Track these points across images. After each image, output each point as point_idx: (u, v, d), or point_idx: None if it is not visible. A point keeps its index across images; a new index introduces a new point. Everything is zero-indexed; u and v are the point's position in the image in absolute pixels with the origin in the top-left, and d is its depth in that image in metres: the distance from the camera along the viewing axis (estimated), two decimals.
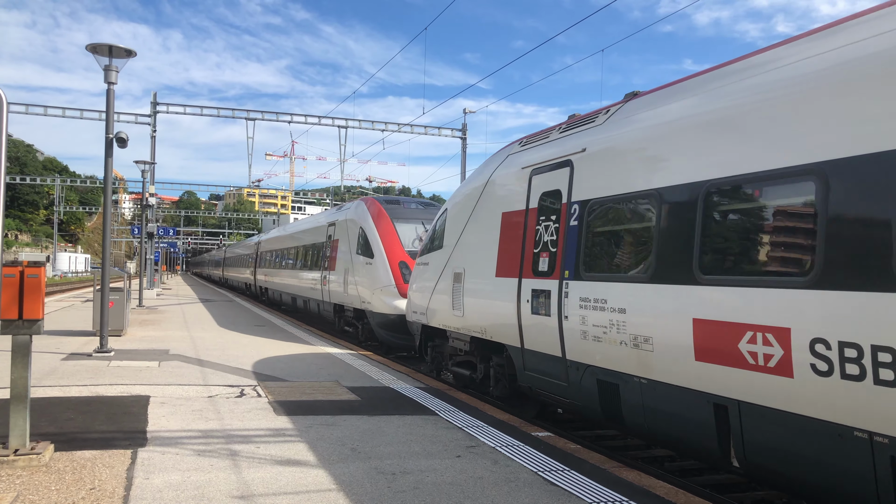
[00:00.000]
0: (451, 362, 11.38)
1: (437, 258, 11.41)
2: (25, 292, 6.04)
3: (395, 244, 16.63)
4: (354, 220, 18.58)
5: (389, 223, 17.22)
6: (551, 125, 9.55)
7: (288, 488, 5.51)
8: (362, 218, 18.07)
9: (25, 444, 6.05)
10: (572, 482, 5.86)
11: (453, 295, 10.50)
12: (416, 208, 18.38)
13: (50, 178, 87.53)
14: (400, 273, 15.90)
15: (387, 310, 15.86)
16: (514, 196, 9.16)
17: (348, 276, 18.30)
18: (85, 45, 12.69)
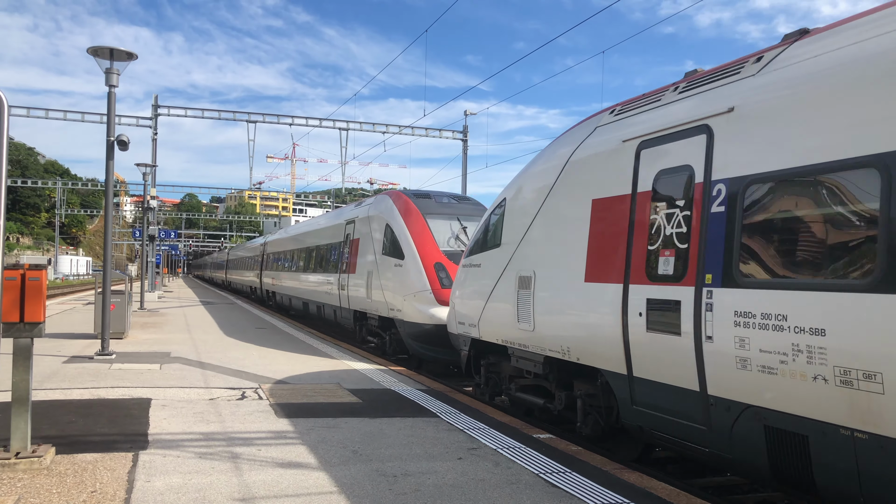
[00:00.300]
0: (513, 386, 9.42)
1: (493, 259, 9.54)
2: (27, 295, 6.04)
3: (430, 243, 14.44)
4: (379, 217, 16.42)
5: (421, 219, 15.09)
6: (653, 90, 7.38)
7: (289, 491, 5.50)
8: (388, 214, 15.92)
9: (27, 446, 6.05)
10: (574, 484, 5.86)
11: (518, 304, 8.56)
12: (449, 202, 16.27)
13: (51, 180, 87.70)
14: (436, 276, 13.78)
15: (421, 319, 13.68)
16: (610, 178, 7.18)
17: (372, 279, 16.07)
18: (86, 49, 12.71)
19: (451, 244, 14.74)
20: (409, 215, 15.33)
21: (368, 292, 16.33)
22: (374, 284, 15.89)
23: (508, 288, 8.92)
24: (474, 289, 10.12)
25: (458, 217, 15.49)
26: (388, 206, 16.21)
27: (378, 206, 16.93)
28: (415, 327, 13.88)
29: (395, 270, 14.88)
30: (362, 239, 17.43)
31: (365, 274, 16.66)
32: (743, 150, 5.65)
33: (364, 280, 16.69)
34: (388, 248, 15.50)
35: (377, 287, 15.72)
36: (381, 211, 16.54)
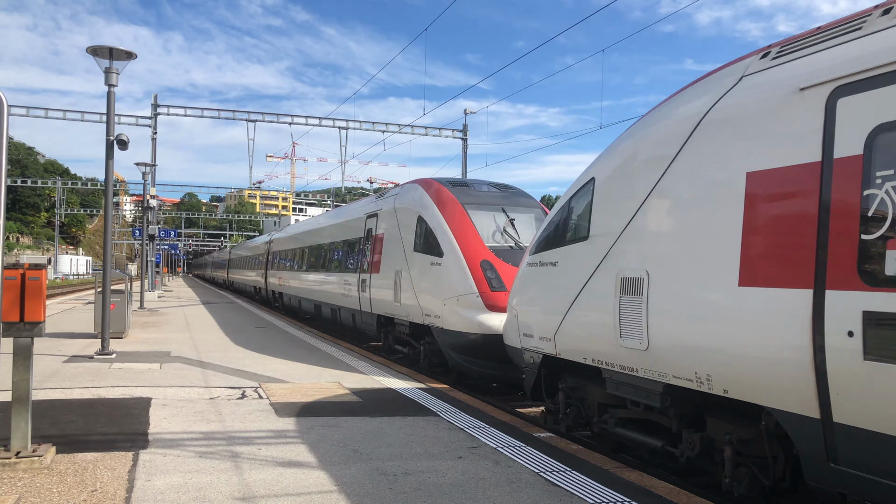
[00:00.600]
0: (608, 419, 7.43)
1: (577, 256, 7.56)
2: (27, 295, 6.05)
3: (473, 238, 12.38)
4: (408, 209, 14.36)
5: (461, 210, 12.99)
6: (838, 20, 5.37)
7: (290, 490, 5.51)
8: (421, 204, 13.81)
9: (27, 446, 6.06)
10: (574, 483, 5.86)
11: (620, 313, 6.61)
12: (489, 191, 14.20)
13: (51, 180, 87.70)
14: (484, 277, 11.70)
15: (465, 327, 11.60)
16: (778, 141, 5.35)
17: (401, 280, 13.97)
18: (86, 48, 12.71)
19: (497, 239, 12.64)
20: (447, 206, 13.18)
21: (396, 295, 14.16)
22: (404, 286, 13.83)
23: (604, 292, 6.93)
24: (548, 293, 8.15)
25: (504, 208, 13.35)
26: (420, 196, 14.04)
27: (406, 197, 14.79)
28: (457, 337, 11.77)
29: (430, 270, 12.83)
30: (387, 234, 15.33)
31: (391, 274, 14.56)
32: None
33: (391, 281, 14.55)
34: (420, 244, 13.42)
35: (407, 289, 13.64)
36: (410, 202, 14.43)
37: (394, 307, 14.44)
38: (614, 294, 6.76)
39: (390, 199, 15.87)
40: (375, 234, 16.22)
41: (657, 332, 6.18)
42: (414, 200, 14.28)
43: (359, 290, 16.90)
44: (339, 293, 18.82)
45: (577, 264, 7.57)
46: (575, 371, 8.04)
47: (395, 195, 15.75)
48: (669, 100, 6.89)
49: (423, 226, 13.47)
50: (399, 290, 14.06)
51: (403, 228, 14.39)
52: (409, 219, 14.16)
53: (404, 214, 14.53)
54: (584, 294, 7.36)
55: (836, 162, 4.84)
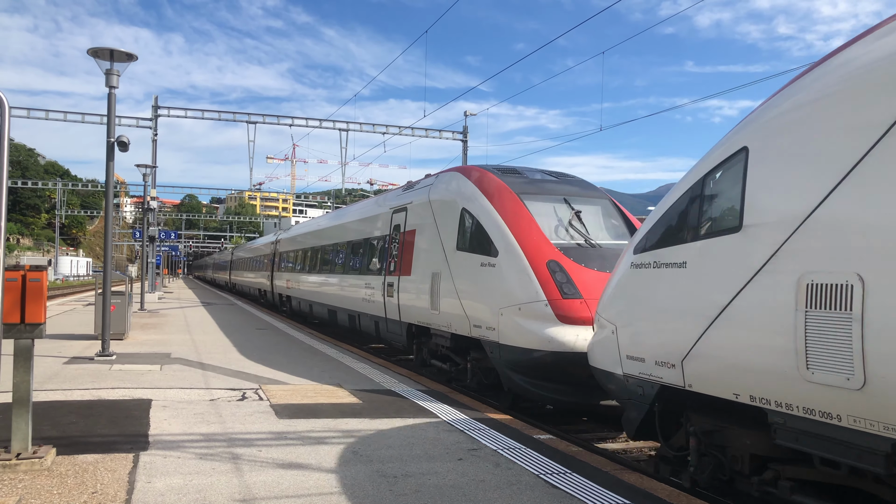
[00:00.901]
0: (786, 483, 5.44)
1: (718, 253, 5.80)
2: (27, 296, 6.05)
3: (536, 234, 10.30)
4: (448, 201, 12.30)
5: (517, 201, 10.86)
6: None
7: (290, 491, 5.51)
8: (464, 195, 11.77)
9: (27, 447, 6.06)
10: (574, 485, 5.87)
11: (807, 335, 4.81)
12: (543, 178, 12.07)
13: (51, 181, 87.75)
14: (553, 281, 9.57)
15: (530, 342, 9.42)
16: None
17: (439, 284, 11.90)
18: (87, 50, 12.72)
19: (562, 235, 10.58)
20: (499, 196, 11.07)
21: (433, 301, 12.06)
22: (444, 291, 11.74)
23: (773, 304, 5.12)
24: (670, 304, 6.30)
25: (566, 198, 11.25)
26: (462, 186, 12.00)
27: (444, 187, 12.77)
28: (518, 354, 9.62)
29: (480, 273, 10.72)
30: (420, 231, 13.27)
31: (426, 277, 12.51)
32: None
33: (425, 285, 12.51)
34: (466, 241, 11.39)
35: (449, 295, 11.58)
36: (450, 193, 12.38)
37: (430, 316, 12.32)
38: (794, 307, 4.91)
39: (423, 191, 13.77)
40: (404, 231, 14.13)
41: (883, 366, 4.29)
42: (455, 191, 12.20)
43: (384, 295, 14.77)
44: (360, 298, 16.69)
45: (721, 265, 5.73)
46: (710, 408, 6.17)
47: (428, 186, 13.65)
48: (862, 39, 4.95)
49: (468, 220, 11.40)
50: (437, 296, 12.00)
51: (442, 224, 12.35)
52: (450, 212, 12.10)
53: (442, 207, 12.48)
54: (735, 306, 5.49)
55: None
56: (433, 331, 12.48)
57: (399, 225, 14.53)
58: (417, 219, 13.61)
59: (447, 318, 11.67)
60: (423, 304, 12.61)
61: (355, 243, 18.04)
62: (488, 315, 10.30)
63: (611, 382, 7.23)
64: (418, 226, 13.48)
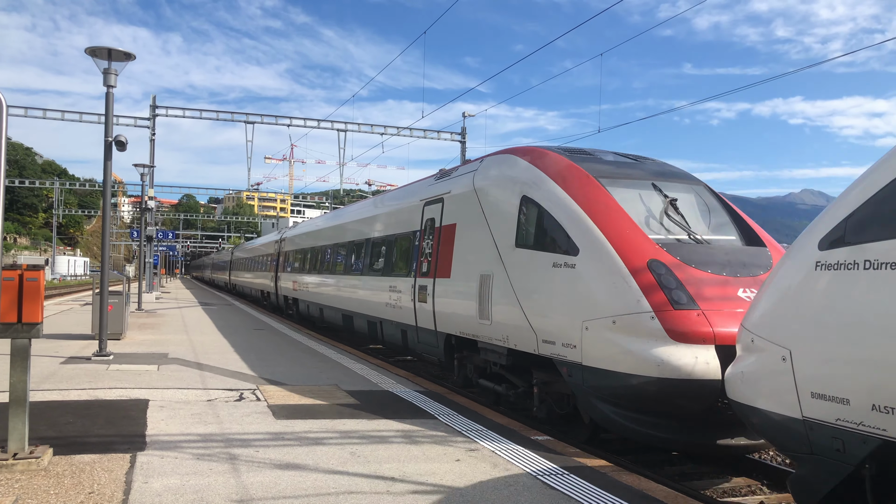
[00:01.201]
0: None
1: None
2: (24, 296, 6.04)
3: (629, 227, 8.25)
4: (502, 187, 10.31)
5: (599, 187, 8.88)
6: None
7: (287, 492, 5.50)
8: (527, 180, 9.68)
9: (24, 447, 6.05)
10: (572, 486, 5.86)
11: None
12: (618, 160, 10.12)
13: (49, 181, 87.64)
14: (659, 286, 7.48)
15: (631, 365, 7.34)
16: None
17: (492, 287, 9.88)
18: (84, 49, 12.71)
19: (658, 229, 8.55)
20: (575, 180, 9.08)
21: (482, 308, 10.04)
22: (499, 296, 9.71)
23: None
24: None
25: (654, 183, 9.29)
26: (523, 169, 9.93)
27: (496, 173, 10.69)
28: (612, 380, 7.54)
29: (553, 275, 8.63)
30: (463, 225, 11.23)
31: (472, 279, 10.47)
32: None
33: (471, 288, 10.43)
34: (530, 236, 9.32)
35: (505, 300, 9.51)
36: (504, 178, 10.35)
37: (478, 326, 10.25)
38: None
39: (464, 179, 11.65)
40: (441, 227, 12.06)
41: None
42: (511, 176, 10.15)
43: (414, 300, 12.72)
44: (383, 303, 14.55)
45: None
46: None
47: (471, 172, 11.53)
48: None
49: (532, 211, 9.34)
50: (487, 303, 9.98)
51: (493, 216, 10.29)
52: (504, 202, 10.08)
53: (493, 196, 10.46)
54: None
55: None
56: (482, 344, 10.28)
57: (433, 219, 12.53)
58: (458, 211, 11.54)
59: (502, 330, 9.56)
60: (468, 312, 10.52)
61: (377, 241, 15.94)
62: (566, 328, 8.18)
63: (776, 429, 5.14)
64: (460, 219, 11.42)
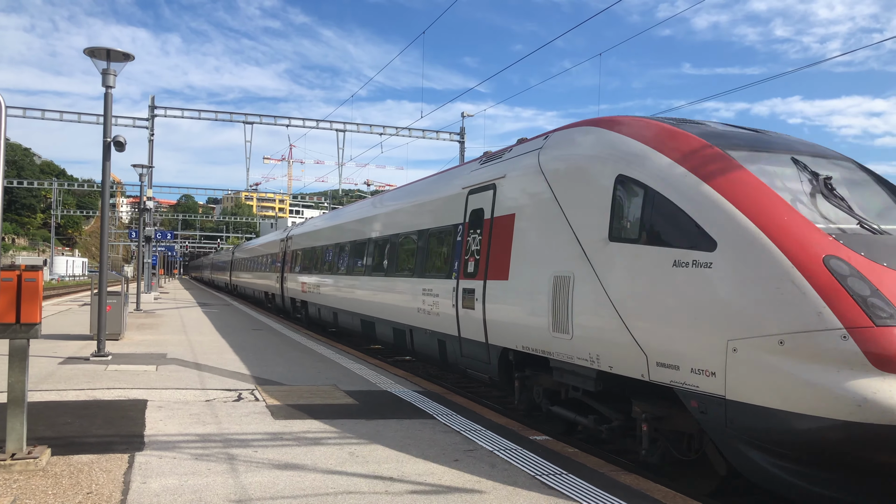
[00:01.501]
0: None
1: None
2: (23, 296, 6.04)
3: (788, 213, 6.21)
4: (589, 165, 8.06)
5: (734, 163, 6.81)
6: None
7: (286, 492, 5.50)
8: (625, 154, 7.56)
9: (22, 448, 6.05)
10: (570, 486, 5.87)
11: None
12: (738, 132, 7.79)
13: (47, 181, 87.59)
14: (849, 293, 5.47)
15: (810, 403, 5.36)
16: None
17: (573, 291, 7.80)
18: (83, 49, 12.70)
19: (816, 217, 6.36)
20: (697, 154, 7.02)
21: (558, 317, 7.91)
22: (584, 302, 7.61)
23: None
24: None
25: (795, 158, 7.15)
26: (619, 143, 7.70)
27: (575, 149, 8.47)
28: (776, 421, 5.60)
29: (673, 277, 6.55)
30: (524, 214, 9.11)
31: (541, 280, 8.34)
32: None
33: (540, 292, 8.32)
34: (633, 226, 7.15)
35: (595, 308, 7.41)
36: (588, 154, 8.12)
37: (549, 340, 8.16)
38: None
39: (525, 159, 9.50)
40: (493, 218, 10.02)
41: None
42: (598, 152, 7.92)
43: (456, 305, 10.71)
44: (414, 308, 12.68)
45: None
46: None
47: (534, 150, 9.31)
48: None
49: (636, 193, 7.16)
50: (566, 311, 7.81)
51: (572, 201, 8.14)
52: (591, 183, 7.87)
53: (572, 177, 8.28)
54: None
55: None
56: (556, 363, 8.22)
57: (480, 210, 10.52)
58: (517, 199, 9.49)
59: (589, 347, 7.45)
60: (535, 323, 8.49)
61: (405, 237, 14.00)
62: (700, 349, 6.20)
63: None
64: (520, 208, 9.36)
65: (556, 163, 8.74)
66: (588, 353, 7.51)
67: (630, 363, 6.92)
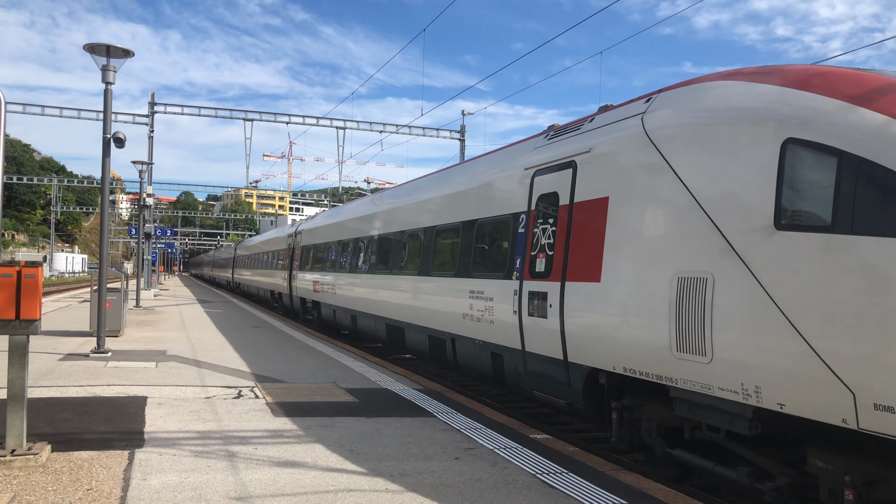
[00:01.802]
0: None
1: None
2: (23, 292, 6.03)
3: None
4: (734, 125, 6.11)
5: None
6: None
7: (286, 490, 5.49)
8: (797, 112, 5.61)
9: (22, 444, 6.04)
10: (571, 485, 5.86)
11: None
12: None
13: (47, 178, 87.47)
14: None
15: None
16: None
17: (709, 300, 5.92)
18: (83, 45, 12.67)
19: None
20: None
21: (685, 332, 6.10)
22: (733, 314, 5.75)
23: None
24: None
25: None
26: (783, 98, 5.86)
27: (704, 106, 6.65)
28: None
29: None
30: (625, 197, 7.17)
31: (655, 282, 6.56)
32: None
33: (654, 298, 6.50)
34: (823, 209, 5.20)
35: (754, 324, 5.53)
36: (732, 112, 6.23)
37: (670, 362, 6.29)
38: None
39: (621, 127, 7.60)
40: (574, 203, 8.10)
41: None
42: (748, 109, 6.09)
43: (519, 312, 8.92)
44: (457, 313, 10.80)
45: None
46: None
47: (636, 115, 7.46)
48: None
49: (823, 164, 5.36)
50: (699, 324, 5.98)
51: (702, 178, 6.27)
52: (738, 151, 5.99)
53: (705, 145, 6.33)
54: None
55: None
56: (680, 393, 6.36)
57: (553, 194, 8.67)
58: (612, 177, 7.61)
59: (741, 374, 5.62)
60: (646, 337, 6.61)
61: (445, 230, 12.04)
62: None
63: None
64: (617, 189, 7.45)
65: (674, 128, 6.82)
66: (740, 384, 5.58)
67: (821, 402, 5.00)
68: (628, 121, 7.51)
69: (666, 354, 6.30)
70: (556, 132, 9.25)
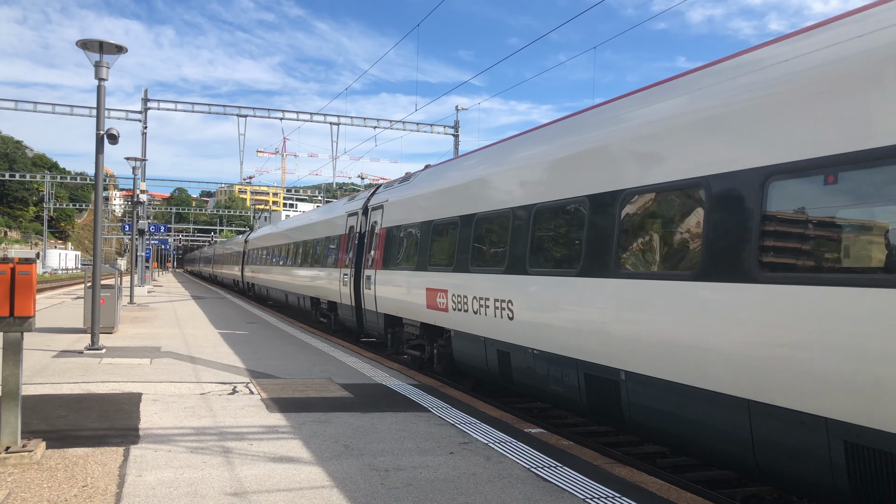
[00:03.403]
0: None
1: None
2: (17, 289, 6.02)
3: None
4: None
5: None
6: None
7: (281, 485, 5.51)
8: None
9: (17, 441, 6.03)
10: (565, 478, 5.89)
11: None
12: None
13: (40, 174, 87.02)
14: None
15: None
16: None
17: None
18: (76, 41, 12.63)
19: None
20: None
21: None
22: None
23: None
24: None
25: None
26: None
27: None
28: None
29: None
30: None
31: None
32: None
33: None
34: None
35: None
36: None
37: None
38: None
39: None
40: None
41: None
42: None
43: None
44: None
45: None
46: None
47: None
48: None
49: None
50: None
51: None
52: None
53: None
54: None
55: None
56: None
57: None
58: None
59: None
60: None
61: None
62: None
63: None
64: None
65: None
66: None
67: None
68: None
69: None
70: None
